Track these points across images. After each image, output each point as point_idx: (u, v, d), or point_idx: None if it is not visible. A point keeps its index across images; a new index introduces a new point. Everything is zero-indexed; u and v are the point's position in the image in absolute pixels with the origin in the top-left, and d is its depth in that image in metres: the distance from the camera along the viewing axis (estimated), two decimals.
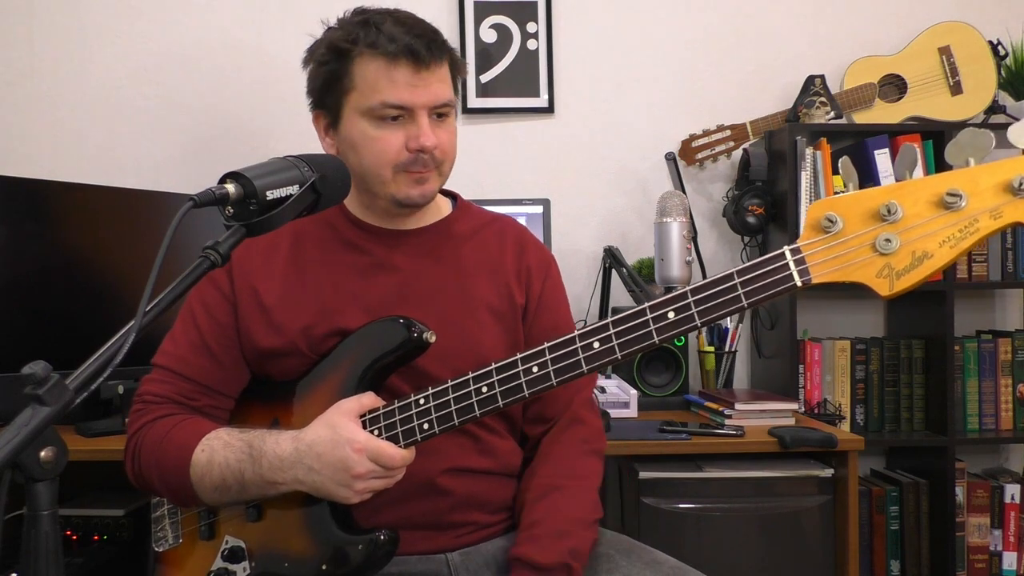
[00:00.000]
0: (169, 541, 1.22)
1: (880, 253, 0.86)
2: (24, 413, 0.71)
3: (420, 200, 1.21)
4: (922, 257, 0.85)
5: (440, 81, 1.18)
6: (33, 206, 1.87)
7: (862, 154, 2.26)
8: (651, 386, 2.14)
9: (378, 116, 1.16)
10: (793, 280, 0.90)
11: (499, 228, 1.32)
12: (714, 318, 0.94)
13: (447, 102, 1.19)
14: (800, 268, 0.90)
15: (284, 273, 1.22)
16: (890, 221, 0.86)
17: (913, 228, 0.86)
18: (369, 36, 1.15)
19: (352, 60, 1.16)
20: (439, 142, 1.18)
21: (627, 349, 0.97)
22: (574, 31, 2.45)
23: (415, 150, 1.16)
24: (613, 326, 0.97)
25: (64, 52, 2.37)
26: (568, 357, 0.99)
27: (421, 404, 1.07)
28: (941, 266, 0.85)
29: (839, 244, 0.88)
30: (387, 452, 1.03)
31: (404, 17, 1.19)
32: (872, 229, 0.87)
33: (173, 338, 1.22)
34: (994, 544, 2.29)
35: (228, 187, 0.89)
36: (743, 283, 0.92)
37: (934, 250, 0.85)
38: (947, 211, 0.85)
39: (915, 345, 2.30)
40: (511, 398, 1.02)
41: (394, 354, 1.12)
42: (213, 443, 1.11)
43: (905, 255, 0.86)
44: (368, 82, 1.15)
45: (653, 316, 0.95)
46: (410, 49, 1.13)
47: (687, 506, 1.74)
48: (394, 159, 1.17)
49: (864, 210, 0.87)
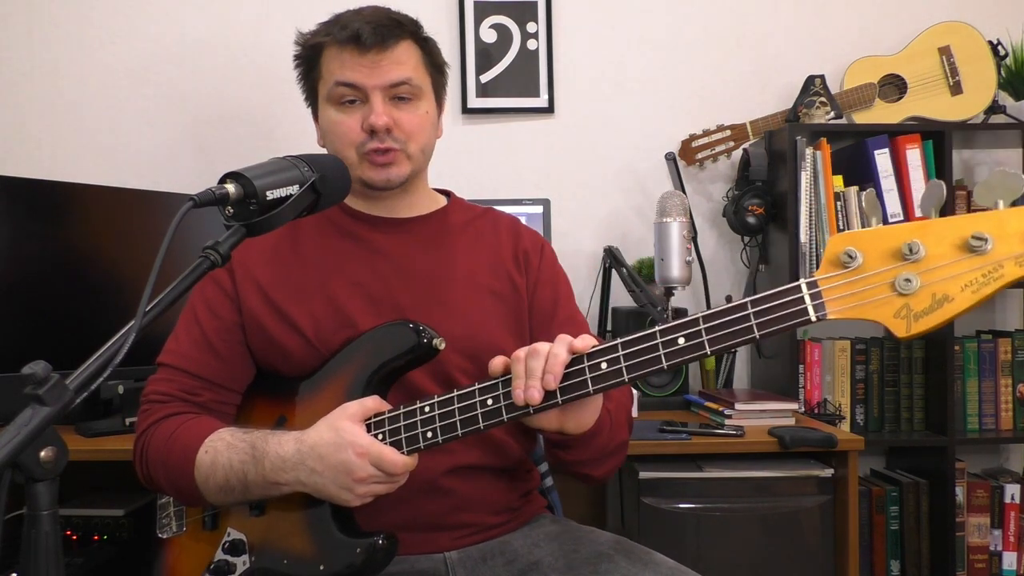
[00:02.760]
0: (173, 529, 1.22)
1: (899, 293, 0.83)
2: (24, 413, 0.71)
3: (384, 183, 1.24)
4: (942, 300, 0.82)
5: (394, 63, 1.22)
6: (33, 206, 1.87)
7: (862, 154, 2.26)
8: (651, 386, 2.14)
9: (336, 99, 1.23)
10: (808, 315, 0.87)
11: (492, 218, 1.35)
12: (725, 347, 0.92)
13: (402, 81, 1.22)
14: (816, 303, 0.87)
15: (285, 265, 1.24)
16: (911, 260, 0.83)
17: (935, 269, 0.82)
18: (329, 28, 1.24)
19: (320, 52, 1.25)
20: (398, 122, 1.22)
21: (635, 372, 0.95)
22: (574, 31, 2.45)
23: (367, 130, 1.21)
24: (622, 347, 0.96)
25: (64, 51, 2.37)
26: (575, 376, 0.98)
27: (426, 412, 1.06)
28: (962, 311, 0.82)
29: (858, 280, 0.85)
30: (389, 458, 1.03)
31: (367, 8, 1.26)
32: (892, 268, 0.84)
33: (176, 337, 1.24)
34: (994, 544, 2.29)
35: (228, 187, 0.89)
36: (756, 314, 0.89)
37: (955, 294, 0.81)
38: (971, 254, 0.81)
39: (915, 345, 2.30)
40: (515, 412, 1.01)
41: (403, 359, 1.12)
42: (217, 444, 1.11)
43: (925, 297, 0.82)
44: (327, 68, 1.24)
45: (663, 341, 0.94)
46: (356, 33, 1.20)
47: (687, 506, 1.74)
48: (355, 140, 1.22)
49: (886, 247, 0.84)
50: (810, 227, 2.19)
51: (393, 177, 1.23)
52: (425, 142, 1.26)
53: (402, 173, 1.24)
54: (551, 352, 0.97)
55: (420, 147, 1.25)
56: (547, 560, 1.17)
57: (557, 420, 1.04)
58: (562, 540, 1.21)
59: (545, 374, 0.97)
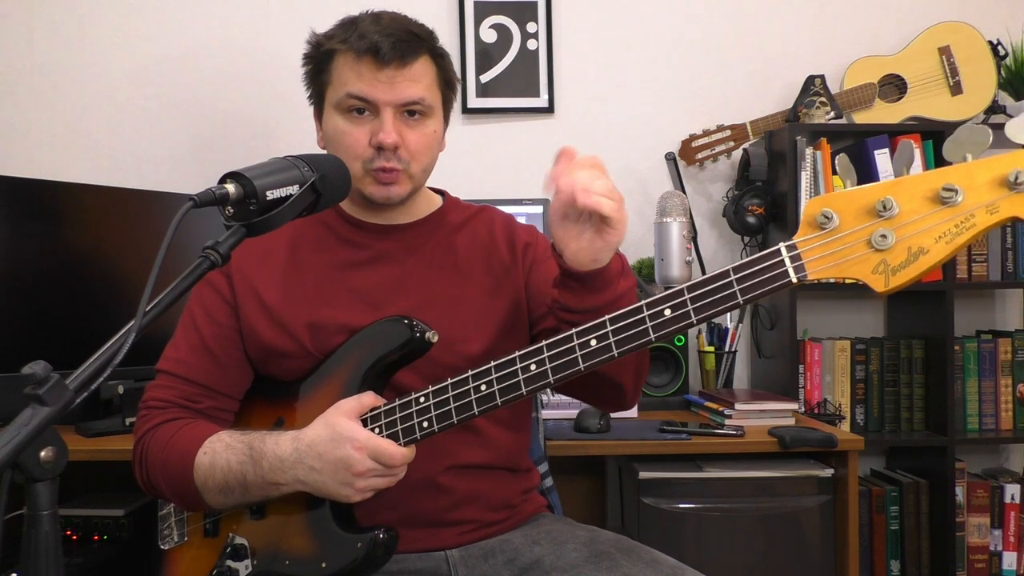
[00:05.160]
0: (174, 539, 1.22)
1: (876, 249, 0.86)
2: (24, 413, 0.71)
3: (382, 201, 1.23)
4: (918, 253, 0.85)
5: (410, 80, 1.20)
6: (33, 206, 1.87)
7: (862, 154, 2.26)
8: (651, 386, 2.14)
9: (345, 109, 1.20)
10: (789, 277, 0.90)
11: (487, 217, 1.34)
12: (710, 315, 0.94)
13: (415, 101, 1.20)
14: (796, 264, 0.90)
15: (283, 272, 1.24)
16: (886, 217, 0.85)
17: (909, 224, 0.85)
18: (346, 33, 1.20)
19: (332, 57, 1.22)
20: (405, 141, 1.20)
21: (624, 347, 0.97)
22: (574, 31, 2.45)
23: (375, 146, 1.19)
24: (610, 323, 0.97)
25: (64, 52, 2.37)
26: (565, 355, 0.99)
27: (421, 402, 1.07)
28: (937, 261, 0.85)
29: (835, 240, 0.88)
30: (387, 450, 1.03)
31: (386, 16, 1.22)
32: (868, 225, 0.86)
33: (175, 344, 1.24)
34: (994, 544, 2.29)
35: (228, 187, 0.89)
36: (739, 280, 0.92)
37: (930, 246, 0.84)
38: (943, 206, 0.84)
39: (915, 345, 2.30)
40: (509, 396, 1.02)
41: (397, 353, 1.12)
42: (215, 446, 1.12)
43: (901, 251, 0.85)
44: (339, 76, 1.21)
45: (650, 314, 0.96)
46: (375, 46, 1.17)
47: (687, 506, 1.74)
48: (360, 154, 1.20)
49: (860, 206, 0.87)
50: None
51: (393, 195, 1.22)
52: (428, 162, 1.25)
53: (402, 192, 1.23)
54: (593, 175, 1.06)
55: (422, 167, 1.24)
56: (548, 558, 1.17)
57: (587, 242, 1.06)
58: (563, 538, 1.21)
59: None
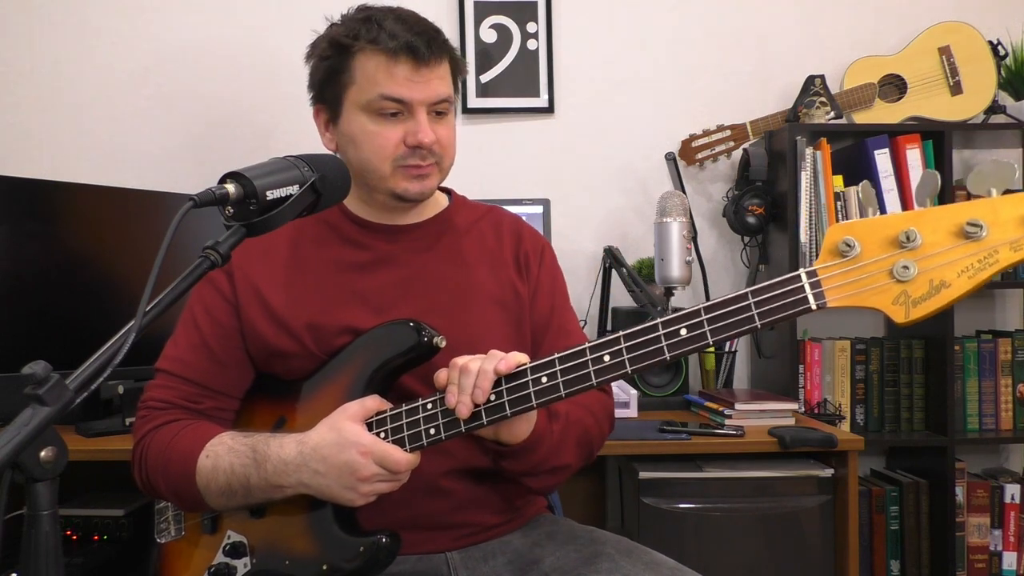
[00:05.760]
0: (171, 533, 1.22)
1: (897, 280, 0.85)
2: (24, 413, 0.71)
3: (418, 196, 1.22)
4: (940, 286, 0.84)
5: (439, 79, 1.20)
6: (33, 206, 1.87)
7: (862, 154, 2.26)
8: (651, 386, 2.14)
9: (376, 110, 1.18)
10: (808, 303, 0.89)
11: (495, 219, 1.34)
12: (726, 337, 0.93)
13: (446, 99, 1.21)
14: (815, 292, 0.89)
15: (286, 272, 1.23)
16: (908, 248, 0.85)
17: (932, 256, 0.84)
18: (371, 32, 1.18)
19: (353, 55, 1.19)
20: (438, 138, 1.20)
21: (637, 364, 0.96)
22: (574, 31, 2.45)
23: (413, 146, 1.18)
24: (624, 340, 0.96)
25: (64, 52, 2.37)
26: (578, 369, 0.98)
27: (428, 409, 1.06)
28: (958, 296, 0.84)
29: (856, 269, 0.87)
30: (393, 456, 1.03)
31: (406, 15, 1.21)
32: (890, 255, 0.86)
33: (175, 342, 1.23)
34: (994, 544, 2.29)
35: (228, 187, 0.89)
36: (757, 303, 0.91)
37: (952, 279, 0.84)
38: (967, 240, 0.83)
39: (915, 345, 2.30)
40: (519, 407, 1.01)
41: (403, 357, 1.11)
42: (218, 448, 1.11)
43: (922, 283, 0.84)
44: (368, 77, 1.18)
45: (665, 332, 0.94)
46: (410, 46, 1.16)
47: (687, 506, 1.74)
48: (392, 154, 1.19)
49: (883, 236, 0.86)
50: (810, 227, 2.19)
51: (427, 189, 1.23)
52: (454, 155, 1.26)
53: (434, 185, 1.24)
54: (481, 369, 1.01)
55: (451, 160, 1.26)
56: (548, 560, 1.17)
57: (492, 429, 1.06)
58: (563, 539, 1.21)
59: (475, 388, 1.00)
